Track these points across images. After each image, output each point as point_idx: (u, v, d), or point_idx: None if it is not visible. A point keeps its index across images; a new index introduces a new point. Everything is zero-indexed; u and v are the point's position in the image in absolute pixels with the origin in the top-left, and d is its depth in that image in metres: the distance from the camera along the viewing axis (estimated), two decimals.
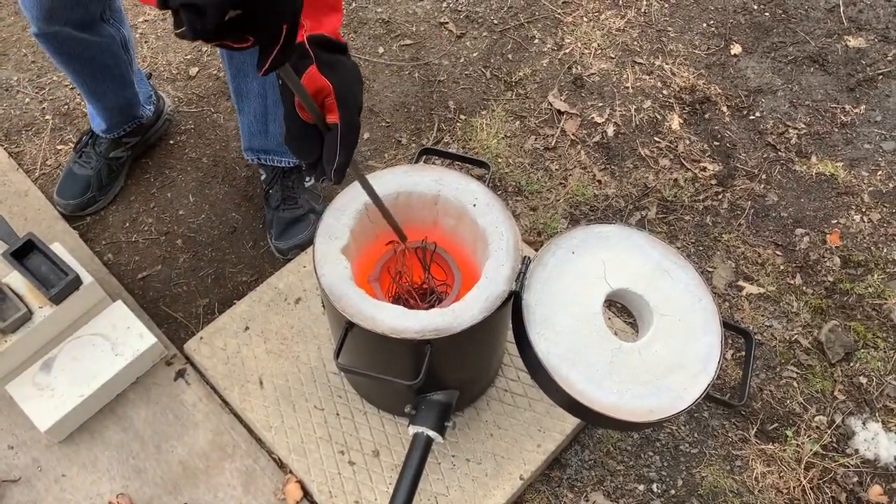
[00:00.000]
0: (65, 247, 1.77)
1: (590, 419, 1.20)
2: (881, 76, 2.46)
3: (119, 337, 1.73)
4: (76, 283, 1.68)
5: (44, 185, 2.14)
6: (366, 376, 1.33)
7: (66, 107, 2.34)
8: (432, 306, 1.44)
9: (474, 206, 1.35)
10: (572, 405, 1.17)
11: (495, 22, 2.61)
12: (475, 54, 2.52)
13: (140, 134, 2.14)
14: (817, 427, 1.77)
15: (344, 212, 1.33)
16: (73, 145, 2.20)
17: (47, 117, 2.31)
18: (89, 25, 1.75)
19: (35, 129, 2.28)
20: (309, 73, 0.98)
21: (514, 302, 1.27)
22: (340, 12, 1.05)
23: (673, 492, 1.68)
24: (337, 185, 1.00)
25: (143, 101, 2.08)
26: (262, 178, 2.04)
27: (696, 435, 1.76)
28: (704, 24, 2.60)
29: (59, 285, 1.64)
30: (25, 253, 1.68)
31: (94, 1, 1.72)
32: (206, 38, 0.68)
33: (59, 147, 2.24)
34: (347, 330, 1.22)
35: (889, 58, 2.50)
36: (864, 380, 1.84)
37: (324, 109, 1.00)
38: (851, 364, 1.87)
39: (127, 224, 2.09)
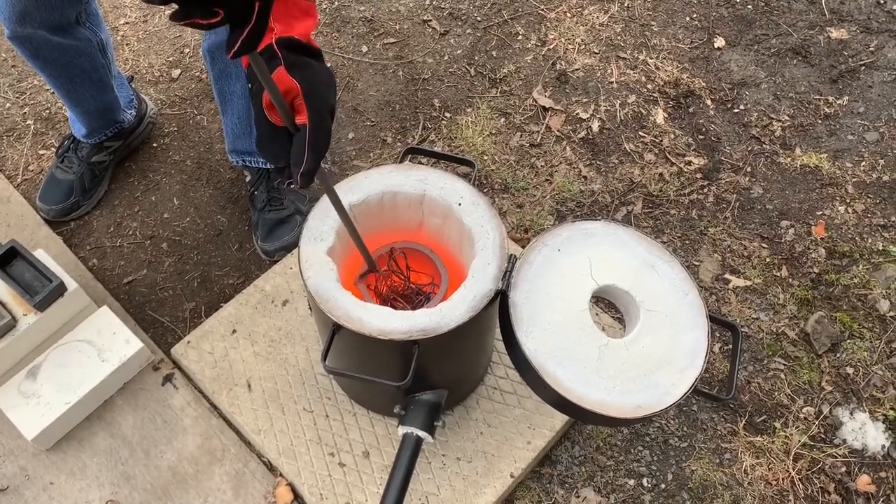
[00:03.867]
0: (48, 253, 1.75)
1: (579, 416, 1.21)
2: (863, 67, 2.47)
3: (105, 343, 1.72)
4: (60, 289, 1.67)
5: (26, 190, 2.13)
6: (354, 378, 1.32)
7: (48, 111, 2.32)
8: (420, 306, 1.43)
9: (460, 205, 1.34)
10: (561, 402, 1.17)
11: (479, 19, 2.60)
12: (459, 52, 2.51)
13: (122, 138, 2.12)
14: (805, 418, 1.78)
15: (329, 213, 1.32)
16: (55, 150, 2.18)
17: (28, 122, 2.29)
18: (64, 29, 1.73)
19: (16, 135, 2.26)
20: (277, 74, 0.96)
21: (500, 300, 1.26)
22: (313, 18, 1.03)
23: (663, 486, 1.69)
24: (304, 190, 0.98)
25: (123, 106, 2.06)
26: (247, 179, 2.03)
27: (685, 429, 1.76)
28: (687, 18, 2.61)
29: (43, 292, 1.63)
30: (8, 260, 1.66)
31: (69, 4, 1.70)
32: (177, 3, 0.65)
33: (40, 152, 2.22)
34: (334, 332, 1.22)
35: (871, 49, 2.52)
36: (850, 370, 1.85)
37: (293, 111, 0.98)
38: (838, 355, 1.88)
39: (111, 228, 2.07)
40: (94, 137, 2.03)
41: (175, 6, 0.67)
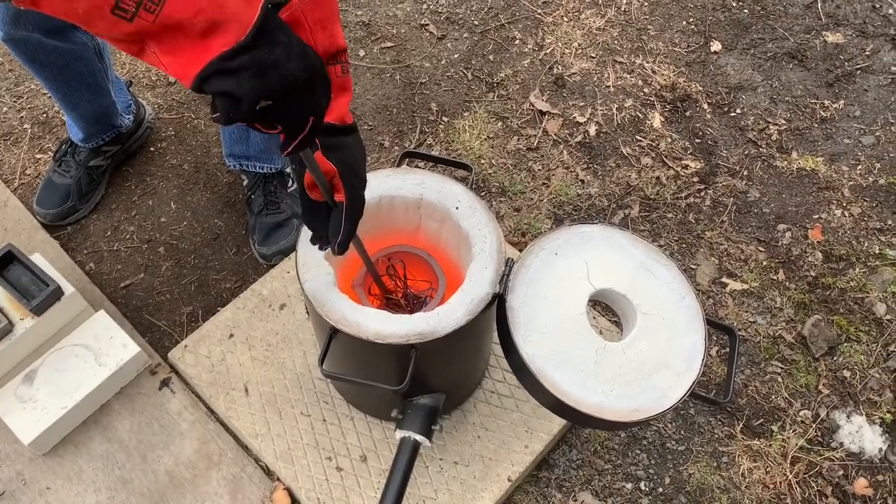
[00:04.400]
0: (45, 257, 1.75)
1: (576, 420, 1.21)
2: (859, 71, 2.48)
3: (102, 347, 1.72)
4: (57, 293, 1.67)
5: (23, 194, 2.12)
6: (351, 382, 1.32)
7: (45, 115, 2.31)
8: (417, 310, 1.43)
9: (457, 208, 1.35)
10: (558, 406, 1.17)
11: (476, 23, 2.61)
12: (456, 56, 2.52)
13: (120, 143, 2.12)
14: (802, 421, 1.78)
15: None
16: (52, 154, 2.18)
17: (26, 126, 2.29)
18: (60, 31, 1.72)
19: (13, 139, 2.26)
20: (314, 157, 1.02)
21: (498, 304, 1.26)
22: (349, 92, 1.07)
23: (661, 489, 1.69)
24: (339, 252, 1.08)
25: (121, 110, 2.05)
26: (244, 183, 2.03)
27: (682, 432, 1.76)
28: (684, 22, 2.62)
29: (39, 296, 1.63)
30: (5, 264, 1.66)
31: None
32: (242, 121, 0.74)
33: (38, 156, 2.22)
34: (332, 336, 1.22)
35: (867, 53, 2.53)
36: (847, 373, 1.86)
37: (332, 188, 1.05)
38: (835, 358, 1.88)
39: (108, 233, 2.07)
40: (91, 142, 2.03)
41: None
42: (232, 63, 0.70)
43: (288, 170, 2.03)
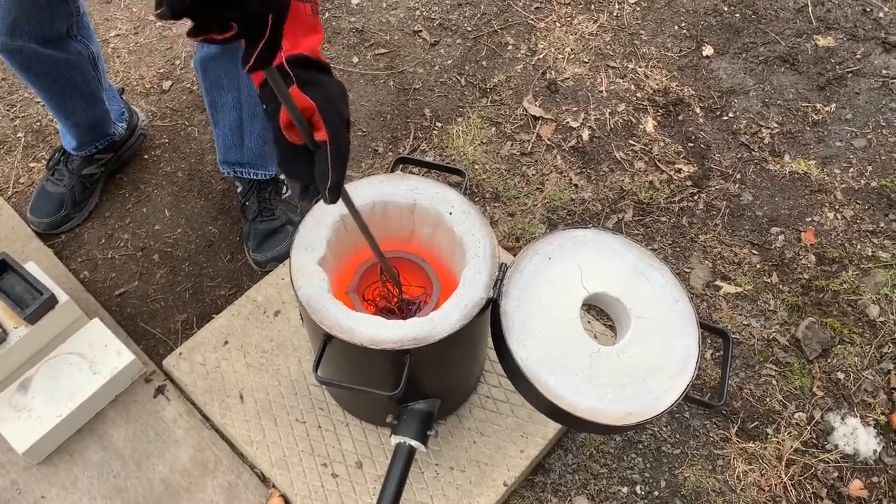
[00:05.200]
0: (39, 265, 1.75)
1: (571, 424, 1.21)
2: (850, 74, 2.49)
3: (97, 355, 1.71)
4: (51, 301, 1.66)
5: (17, 203, 2.12)
6: (346, 388, 1.32)
7: (39, 124, 2.31)
8: (411, 315, 1.43)
9: (450, 214, 1.35)
10: (553, 411, 1.18)
11: (469, 29, 2.62)
12: (449, 62, 2.52)
13: (113, 150, 2.12)
14: (797, 424, 1.79)
15: (320, 223, 1.33)
16: (45, 163, 2.17)
17: (19, 135, 2.29)
18: (55, 41, 1.73)
19: (7, 147, 2.26)
20: (291, 93, 0.95)
21: (492, 309, 1.27)
22: (320, 33, 1.03)
23: (656, 493, 1.69)
24: (332, 205, 0.99)
25: (114, 118, 2.06)
26: (239, 190, 2.03)
27: (677, 436, 1.77)
28: (676, 27, 2.63)
29: (33, 305, 1.62)
30: None
31: (60, 17, 1.70)
32: (192, 19, 0.66)
33: (31, 165, 2.22)
34: (326, 342, 1.22)
35: (858, 56, 2.54)
36: (841, 375, 1.86)
37: (311, 128, 0.97)
38: (829, 360, 1.89)
39: (102, 240, 2.07)
40: (84, 150, 2.03)
41: (191, 23, 0.67)
42: None
43: (282, 176, 2.03)
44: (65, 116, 1.92)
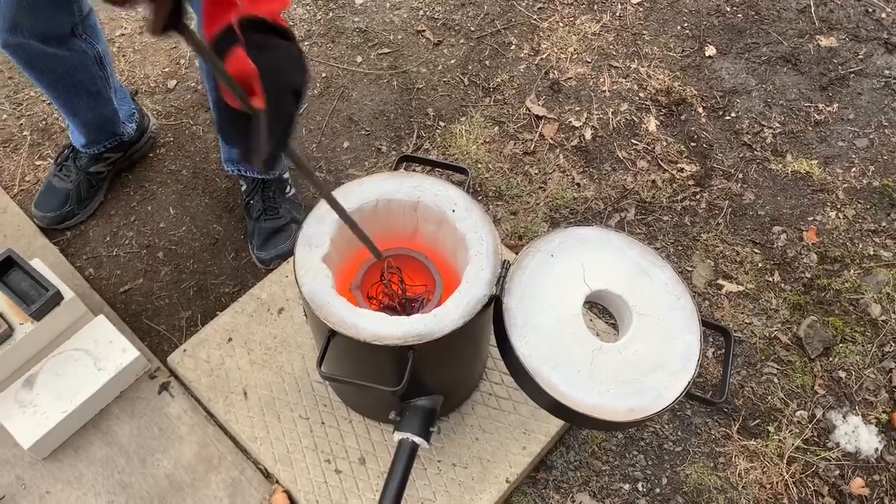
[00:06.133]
0: (45, 262, 1.76)
1: (573, 420, 1.22)
2: (853, 74, 2.50)
3: (101, 351, 1.72)
4: (57, 298, 1.67)
5: (22, 201, 2.13)
6: (349, 384, 1.33)
7: (44, 122, 2.33)
8: (415, 312, 1.44)
9: (454, 211, 1.36)
10: (555, 407, 1.18)
11: (472, 29, 2.63)
12: (453, 61, 2.53)
13: (122, 150, 2.13)
14: (798, 422, 1.79)
15: (324, 220, 1.33)
16: (51, 160, 2.18)
17: (25, 133, 2.30)
18: (58, 39, 1.72)
19: (13, 146, 2.27)
20: (235, 55, 0.91)
21: (495, 306, 1.27)
22: (285, 2, 0.97)
23: (658, 490, 1.70)
24: (269, 175, 0.93)
25: (124, 119, 2.06)
26: (243, 188, 2.04)
27: (679, 433, 1.77)
28: (679, 27, 2.63)
29: (39, 301, 1.63)
30: (5, 269, 1.67)
31: (63, 14, 1.69)
32: None
33: (37, 163, 2.23)
34: (330, 338, 1.22)
35: (860, 56, 2.54)
36: (843, 374, 1.87)
37: (250, 93, 0.91)
38: (830, 359, 1.89)
39: (107, 238, 2.08)
40: (92, 148, 2.04)
41: None
42: None
43: (286, 175, 2.04)
44: (71, 114, 1.93)
